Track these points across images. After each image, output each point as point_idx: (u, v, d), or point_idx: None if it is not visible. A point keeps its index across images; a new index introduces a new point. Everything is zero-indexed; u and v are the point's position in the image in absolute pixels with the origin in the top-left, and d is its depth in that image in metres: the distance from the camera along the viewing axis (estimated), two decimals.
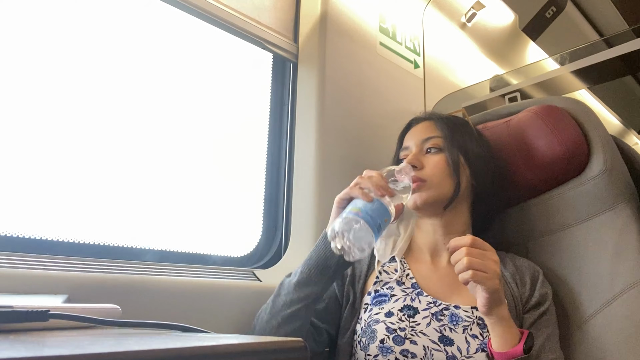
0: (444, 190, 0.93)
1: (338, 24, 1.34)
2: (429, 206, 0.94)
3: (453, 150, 0.95)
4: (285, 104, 1.32)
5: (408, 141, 1.01)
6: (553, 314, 0.90)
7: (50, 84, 0.94)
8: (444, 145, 0.95)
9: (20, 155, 0.89)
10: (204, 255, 1.11)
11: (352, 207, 0.77)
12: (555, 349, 0.85)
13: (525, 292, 0.89)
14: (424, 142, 0.97)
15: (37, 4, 0.94)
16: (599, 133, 1.00)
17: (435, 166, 0.94)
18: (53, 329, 0.48)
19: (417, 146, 0.98)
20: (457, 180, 0.93)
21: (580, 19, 2.11)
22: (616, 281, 0.91)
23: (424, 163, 0.95)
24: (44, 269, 0.78)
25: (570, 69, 1.36)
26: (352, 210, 0.75)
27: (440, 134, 0.97)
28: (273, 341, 0.42)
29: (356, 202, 0.78)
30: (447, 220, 0.96)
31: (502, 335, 0.76)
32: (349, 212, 0.75)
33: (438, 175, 0.93)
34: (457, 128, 0.98)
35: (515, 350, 0.75)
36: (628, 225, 0.94)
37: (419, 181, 0.93)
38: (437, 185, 0.93)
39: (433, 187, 0.93)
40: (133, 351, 0.33)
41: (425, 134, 0.98)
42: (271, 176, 1.27)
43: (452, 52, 1.80)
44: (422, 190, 0.93)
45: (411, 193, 0.94)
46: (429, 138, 0.97)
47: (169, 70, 1.14)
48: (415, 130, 1.02)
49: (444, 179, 0.93)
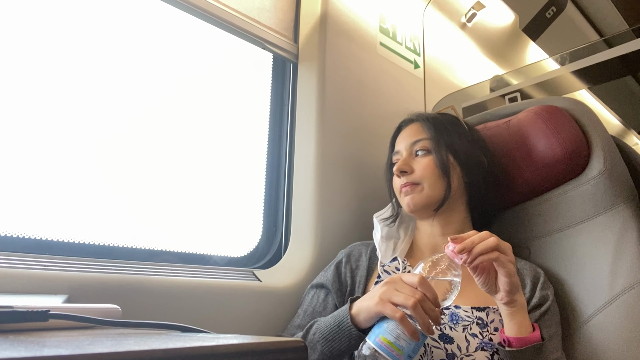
0: (436, 192, 0.94)
1: (338, 24, 1.34)
2: (423, 208, 0.95)
3: (441, 150, 0.95)
4: (285, 104, 1.32)
5: (399, 145, 1.02)
6: (555, 315, 0.90)
7: (51, 84, 0.94)
8: (432, 147, 0.96)
9: (20, 155, 0.89)
10: (204, 256, 1.11)
11: (392, 338, 0.66)
12: (557, 349, 0.85)
13: (526, 295, 0.89)
14: (413, 145, 0.98)
15: (38, 4, 0.94)
16: (599, 133, 1.00)
17: (425, 169, 0.94)
18: (53, 329, 0.48)
19: (406, 150, 0.99)
20: (448, 181, 0.94)
21: (580, 19, 2.11)
22: (616, 281, 0.90)
23: (414, 167, 0.96)
24: (44, 269, 0.78)
25: (570, 69, 1.36)
26: (391, 347, 0.65)
27: (427, 135, 0.97)
28: (273, 341, 0.42)
29: (398, 332, 0.67)
30: (444, 220, 0.97)
31: (522, 323, 0.77)
32: (386, 348, 0.65)
33: (428, 178, 0.94)
34: (444, 127, 0.98)
35: (533, 336, 0.76)
36: (628, 225, 0.94)
37: (411, 185, 0.94)
38: (430, 186, 0.94)
39: (426, 189, 0.94)
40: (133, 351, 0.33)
41: (413, 137, 0.99)
42: (271, 176, 1.27)
43: (452, 52, 1.80)
44: (415, 193, 0.94)
45: (406, 197, 0.94)
46: (417, 141, 0.98)
47: (170, 70, 1.14)
48: (405, 133, 1.02)
49: (435, 181, 0.94)
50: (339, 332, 0.76)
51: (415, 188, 0.94)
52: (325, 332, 0.78)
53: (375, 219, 1.05)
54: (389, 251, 0.98)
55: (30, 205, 0.89)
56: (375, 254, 1.01)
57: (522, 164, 1.03)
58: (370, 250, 1.02)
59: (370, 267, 0.98)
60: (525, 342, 0.76)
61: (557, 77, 1.41)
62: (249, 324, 0.98)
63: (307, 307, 0.98)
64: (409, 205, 0.95)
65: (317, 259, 1.14)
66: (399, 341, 0.66)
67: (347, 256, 1.01)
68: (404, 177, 0.96)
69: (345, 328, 0.76)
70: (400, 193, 0.98)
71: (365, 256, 1.00)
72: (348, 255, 1.01)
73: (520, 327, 0.77)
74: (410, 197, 0.94)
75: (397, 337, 0.66)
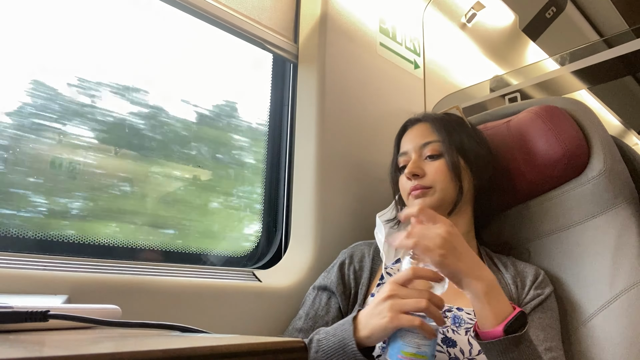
0: (448, 195, 0.93)
1: (338, 24, 1.34)
2: (436, 211, 0.93)
3: (452, 153, 0.94)
4: (285, 104, 1.32)
5: (406, 145, 1.00)
6: (552, 309, 0.89)
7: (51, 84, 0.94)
8: (443, 150, 0.94)
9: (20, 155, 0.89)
10: (204, 256, 1.11)
11: (413, 349, 0.64)
12: (551, 339, 0.83)
13: (524, 293, 0.89)
14: (422, 147, 0.96)
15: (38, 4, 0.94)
16: (599, 133, 1.00)
17: (437, 172, 0.93)
18: (53, 330, 0.48)
19: (415, 152, 0.97)
20: (460, 184, 0.93)
21: (580, 19, 2.11)
22: (616, 281, 0.90)
23: (425, 170, 0.94)
24: (44, 269, 0.78)
25: (570, 70, 1.36)
26: (416, 358, 0.64)
27: (437, 137, 0.96)
28: (273, 341, 0.42)
29: (416, 340, 0.66)
30: (452, 221, 0.96)
31: (480, 313, 0.70)
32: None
33: (441, 181, 0.93)
34: (454, 129, 0.97)
35: (494, 332, 0.68)
36: (628, 225, 0.94)
37: (423, 189, 0.93)
38: (441, 190, 0.93)
39: (437, 193, 0.92)
40: (133, 352, 0.33)
41: (422, 139, 0.97)
42: (271, 176, 1.27)
43: (452, 52, 1.80)
44: (427, 196, 0.93)
45: (416, 200, 0.93)
46: (427, 143, 0.96)
47: (170, 70, 1.14)
48: (412, 134, 1.00)
49: (447, 184, 0.93)
50: (344, 356, 0.72)
51: (427, 192, 0.93)
52: (330, 352, 0.74)
53: (378, 219, 1.03)
54: (392, 252, 0.98)
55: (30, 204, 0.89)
56: (378, 255, 1.00)
57: (522, 164, 1.03)
58: (373, 251, 1.01)
59: (373, 269, 0.98)
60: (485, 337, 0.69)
61: (557, 77, 1.41)
62: (249, 324, 0.98)
63: (309, 309, 0.96)
64: None
65: (317, 259, 1.14)
66: (421, 348, 0.65)
67: (350, 257, 1.00)
68: (415, 180, 0.94)
69: (350, 352, 0.72)
70: (408, 195, 0.96)
71: (369, 257, 1.00)
72: (351, 256, 1.00)
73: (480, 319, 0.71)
74: (422, 200, 0.93)
75: (417, 346, 0.65)
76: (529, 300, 0.88)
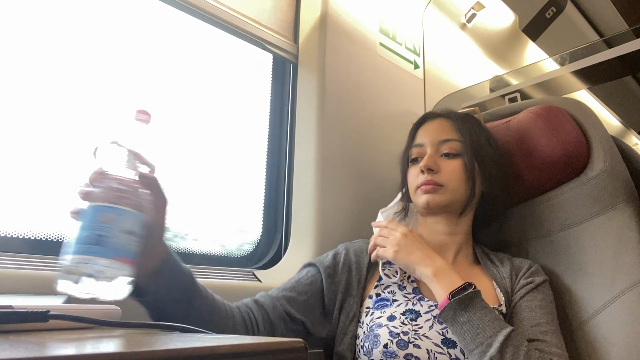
0: (458, 196, 0.93)
1: (338, 24, 1.34)
2: (441, 209, 0.94)
3: (470, 157, 0.93)
4: (285, 105, 1.32)
5: (422, 138, 0.98)
6: (544, 293, 0.89)
7: (52, 84, 0.94)
8: (462, 151, 0.93)
9: (21, 155, 0.89)
10: (204, 256, 1.11)
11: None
12: (539, 317, 0.83)
13: (516, 283, 0.91)
14: (441, 143, 0.95)
15: (38, 4, 0.94)
16: (599, 133, 1.00)
17: (452, 172, 0.92)
18: (53, 330, 0.48)
19: (432, 146, 0.95)
20: (472, 187, 0.93)
21: (580, 19, 2.11)
22: (616, 281, 0.90)
23: (441, 166, 0.93)
24: (44, 269, 0.78)
25: (570, 70, 1.36)
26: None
27: (458, 137, 0.95)
28: (273, 341, 0.42)
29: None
30: (455, 220, 0.96)
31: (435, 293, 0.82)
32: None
33: (454, 182, 0.92)
34: (474, 132, 0.96)
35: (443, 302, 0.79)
36: (628, 225, 0.94)
37: (434, 184, 0.92)
38: (452, 190, 0.92)
39: (448, 192, 0.92)
40: (133, 352, 0.33)
41: (442, 135, 0.96)
42: (271, 176, 1.27)
43: (452, 52, 1.80)
44: (437, 193, 0.92)
45: (425, 195, 0.92)
46: (446, 140, 0.95)
47: (170, 71, 1.14)
48: (431, 128, 0.99)
49: (460, 186, 0.92)
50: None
51: (439, 189, 0.92)
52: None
53: (381, 215, 1.03)
54: None
55: (30, 205, 0.89)
56: None
57: (522, 165, 1.03)
58: None
59: (370, 267, 0.96)
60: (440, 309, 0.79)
61: (557, 77, 1.41)
62: None
63: (294, 279, 0.93)
64: (427, 204, 0.92)
65: None
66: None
67: (347, 249, 0.98)
68: (428, 174, 0.92)
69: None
70: (417, 189, 0.95)
71: (367, 254, 0.99)
72: (348, 249, 0.98)
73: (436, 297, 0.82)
74: (430, 196, 0.92)
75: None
76: (519, 288, 0.89)
